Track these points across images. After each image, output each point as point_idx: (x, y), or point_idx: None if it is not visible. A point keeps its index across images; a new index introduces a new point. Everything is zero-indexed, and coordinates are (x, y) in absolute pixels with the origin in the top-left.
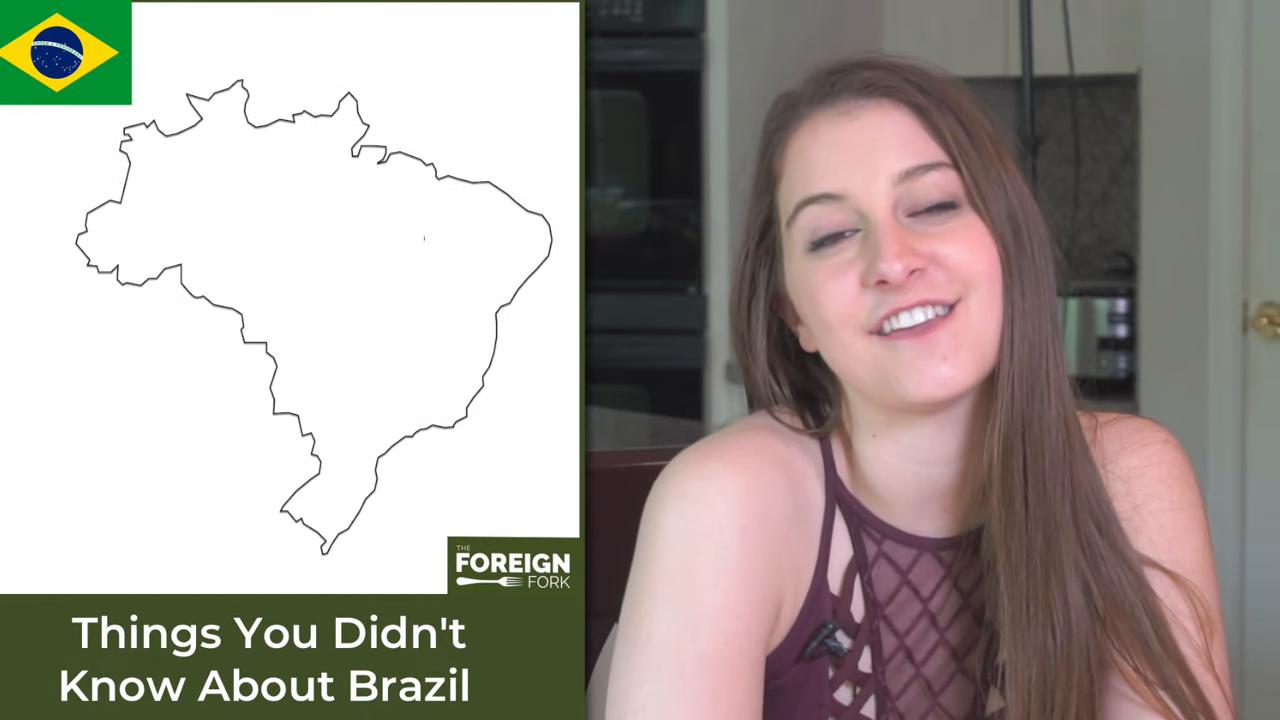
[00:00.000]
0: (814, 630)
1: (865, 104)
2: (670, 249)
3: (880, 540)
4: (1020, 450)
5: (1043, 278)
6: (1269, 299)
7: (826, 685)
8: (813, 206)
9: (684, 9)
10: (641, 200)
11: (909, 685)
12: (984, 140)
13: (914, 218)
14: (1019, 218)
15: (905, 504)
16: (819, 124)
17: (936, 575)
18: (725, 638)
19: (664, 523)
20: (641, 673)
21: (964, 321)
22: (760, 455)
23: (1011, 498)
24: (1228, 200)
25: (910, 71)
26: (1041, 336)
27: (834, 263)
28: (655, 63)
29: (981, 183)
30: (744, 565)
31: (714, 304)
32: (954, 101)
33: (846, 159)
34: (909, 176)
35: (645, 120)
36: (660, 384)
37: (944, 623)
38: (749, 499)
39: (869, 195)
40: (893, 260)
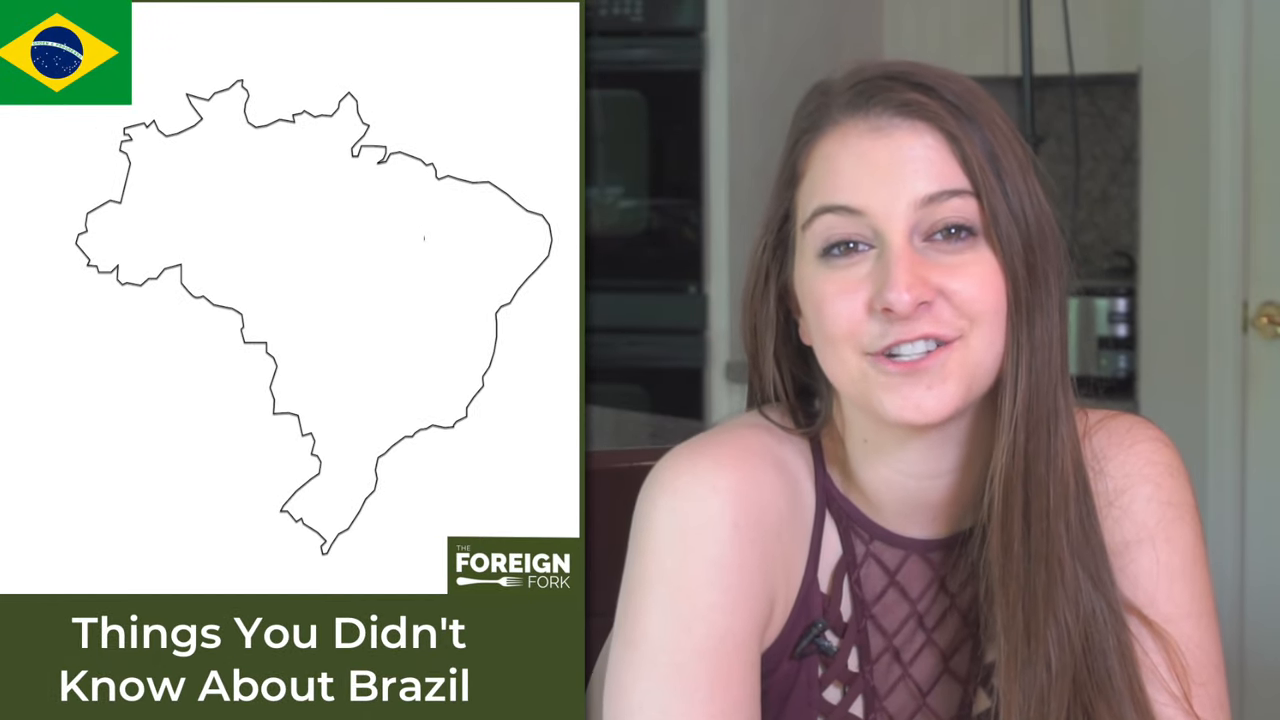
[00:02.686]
0: (804, 629)
1: (899, 123)
2: (670, 248)
3: (869, 540)
4: (1021, 492)
5: (1054, 309)
6: (1269, 298)
7: (816, 684)
8: (830, 215)
9: (684, 8)
10: (641, 200)
11: (896, 685)
12: (1012, 168)
13: (929, 242)
14: (1035, 247)
15: (894, 509)
16: (849, 133)
17: (925, 576)
18: (720, 633)
19: (655, 520)
20: (637, 670)
21: (961, 355)
22: (752, 452)
23: (1010, 540)
24: (1228, 199)
25: (950, 92)
26: (1051, 371)
27: (844, 277)
28: (655, 62)
29: (1000, 215)
30: (737, 561)
31: (714, 303)
32: (989, 126)
33: (871, 175)
34: (931, 201)
35: (645, 120)
36: (660, 384)
37: (931, 623)
38: (740, 495)
39: (888, 216)
40: (902, 290)
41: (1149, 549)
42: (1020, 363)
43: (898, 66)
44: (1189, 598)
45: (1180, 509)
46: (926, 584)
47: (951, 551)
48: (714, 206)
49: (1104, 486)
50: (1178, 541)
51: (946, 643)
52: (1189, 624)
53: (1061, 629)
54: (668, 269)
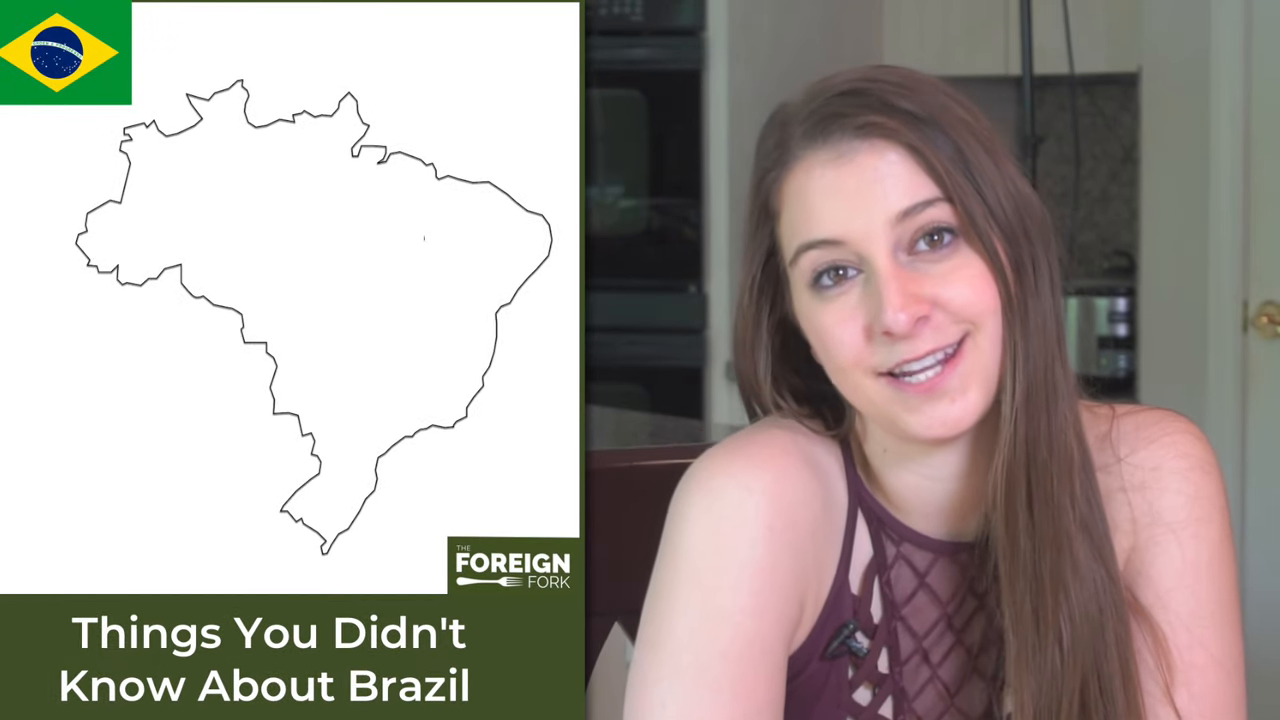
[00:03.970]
0: (835, 630)
1: (859, 145)
2: (670, 248)
3: (899, 542)
4: (1024, 482)
5: (1046, 287)
6: (1269, 298)
7: (846, 685)
8: (813, 251)
9: (684, 8)
10: (641, 199)
11: (925, 686)
12: (982, 162)
13: (914, 255)
14: (1018, 236)
15: (920, 511)
16: (813, 166)
17: (954, 578)
18: (748, 636)
19: (689, 519)
20: (661, 669)
21: (972, 359)
22: (786, 452)
23: (1016, 534)
24: (1228, 199)
25: (908, 101)
26: (1047, 349)
27: (838, 306)
28: (655, 62)
29: (977, 214)
30: (769, 563)
31: (714, 303)
32: (951, 126)
33: (843, 204)
34: (906, 216)
35: (645, 119)
36: (660, 383)
37: (960, 624)
38: (776, 496)
39: (867, 239)
40: (896, 311)
41: (1173, 544)
42: (1017, 355)
43: (850, 83)
44: (1209, 597)
45: (1209, 506)
46: (955, 587)
47: (978, 553)
48: (714, 206)
49: (1129, 472)
50: (1205, 538)
51: (974, 643)
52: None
53: (1071, 604)
54: (668, 268)
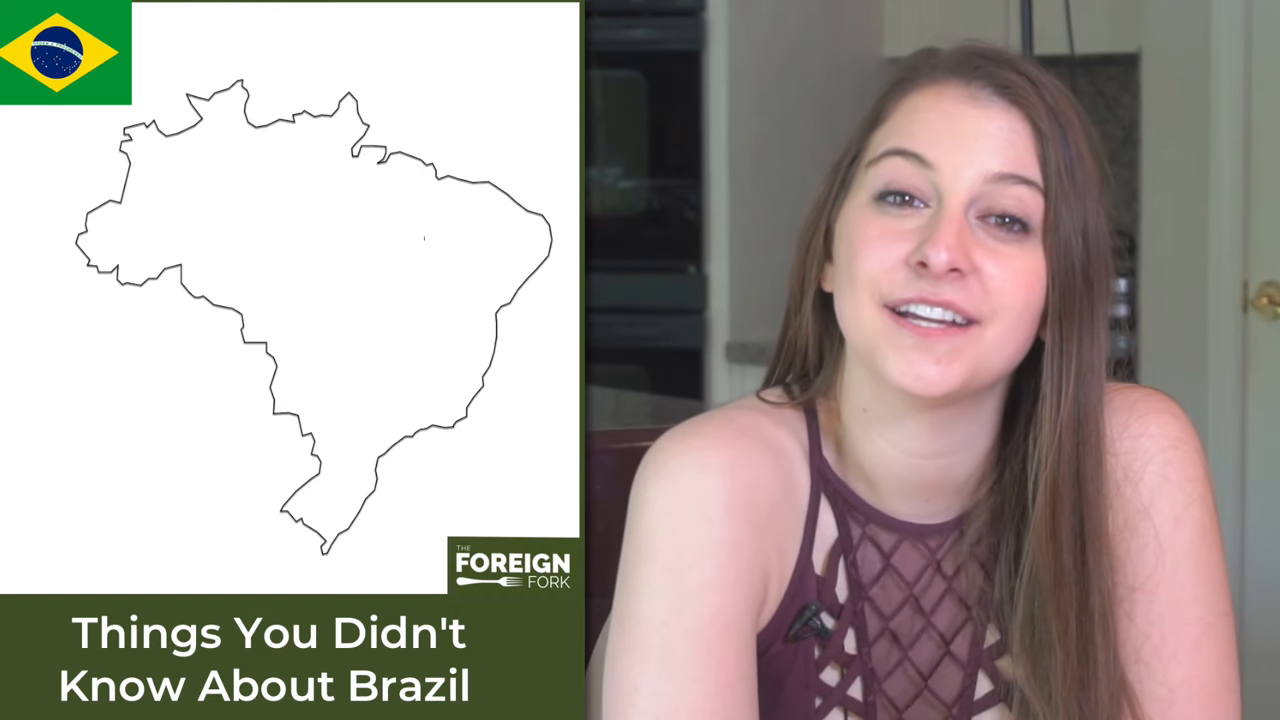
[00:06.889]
0: (798, 611)
1: (996, 100)
2: (670, 229)
3: (865, 523)
4: (1070, 507)
5: (1100, 332)
6: (1269, 278)
7: (813, 666)
8: (899, 159)
9: None
10: (641, 180)
11: (896, 668)
12: (1087, 187)
13: (983, 223)
14: (1091, 265)
15: (890, 488)
16: (944, 93)
17: (920, 560)
18: (712, 612)
19: (647, 501)
20: (632, 653)
21: (974, 342)
22: (743, 433)
23: (1060, 550)
24: (1228, 180)
25: (1051, 95)
26: (1098, 393)
27: (892, 224)
28: (655, 42)
29: (1063, 222)
30: (729, 539)
31: (714, 284)
32: (1076, 143)
33: (953, 137)
34: (999, 180)
35: (645, 100)
36: (660, 364)
37: (929, 606)
38: (732, 474)
39: (954, 179)
40: (942, 249)
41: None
42: (1068, 372)
43: (1015, 56)
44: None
45: (1190, 488)
46: (922, 568)
47: (945, 537)
48: (714, 187)
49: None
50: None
51: (945, 626)
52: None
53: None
54: (668, 249)
